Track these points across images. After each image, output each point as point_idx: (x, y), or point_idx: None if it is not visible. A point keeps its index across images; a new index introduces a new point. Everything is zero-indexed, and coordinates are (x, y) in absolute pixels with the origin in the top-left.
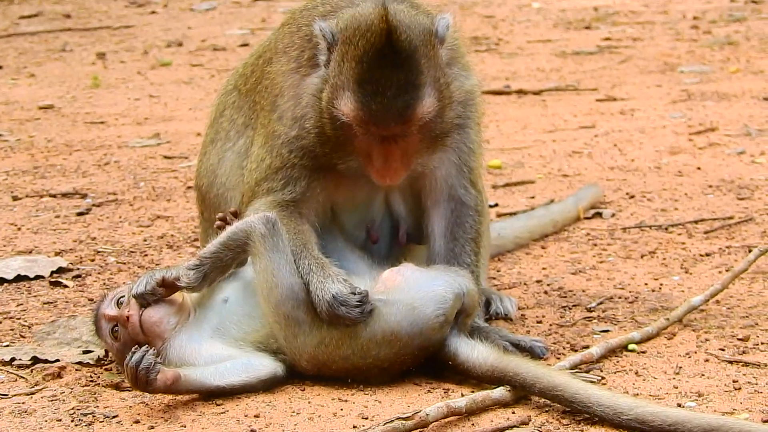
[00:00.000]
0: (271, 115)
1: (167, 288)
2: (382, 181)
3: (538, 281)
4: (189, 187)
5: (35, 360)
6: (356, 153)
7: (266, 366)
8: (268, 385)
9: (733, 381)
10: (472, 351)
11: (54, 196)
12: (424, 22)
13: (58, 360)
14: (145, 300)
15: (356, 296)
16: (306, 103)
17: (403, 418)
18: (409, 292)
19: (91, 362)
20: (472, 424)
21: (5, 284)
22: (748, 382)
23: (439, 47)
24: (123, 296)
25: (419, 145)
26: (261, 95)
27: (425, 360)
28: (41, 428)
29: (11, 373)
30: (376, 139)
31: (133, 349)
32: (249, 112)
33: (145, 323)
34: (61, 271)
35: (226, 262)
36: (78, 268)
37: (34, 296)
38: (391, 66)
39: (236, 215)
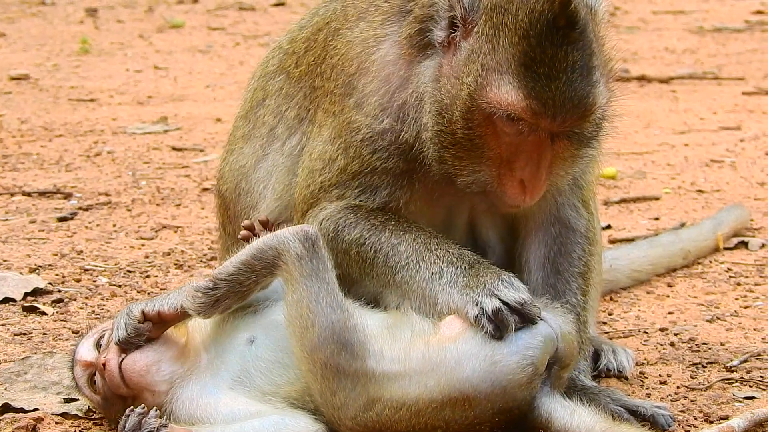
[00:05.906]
0: (344, 101)
1: (156, 323)
2: (519, 201)
3: (662, 329)
4: (205, 189)
5: (5, 408)
6: (491, 161)
7: (304, 427)
8: None
9: None
10: (572, 416)
11: (29, 194)
12: None
13: (36, 409)
14: (130, 345)
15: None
16: (416, 92)
17: None
18: (485, 338)
19: (80, 414)
20: None
21: None
22: None
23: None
24: (105, 334)
25: (572, 151)
26: (325, 78)
27: (507, 425)
28: None
29: None
30: (537, 139)
31: (126, 412)
32: (305, 102)
33: (126, 372)
34: (37, 293)
35: (247, 286)
36: (59, 290)
37: (2, 325)
38: (567, 42)
39: (267, 226)
